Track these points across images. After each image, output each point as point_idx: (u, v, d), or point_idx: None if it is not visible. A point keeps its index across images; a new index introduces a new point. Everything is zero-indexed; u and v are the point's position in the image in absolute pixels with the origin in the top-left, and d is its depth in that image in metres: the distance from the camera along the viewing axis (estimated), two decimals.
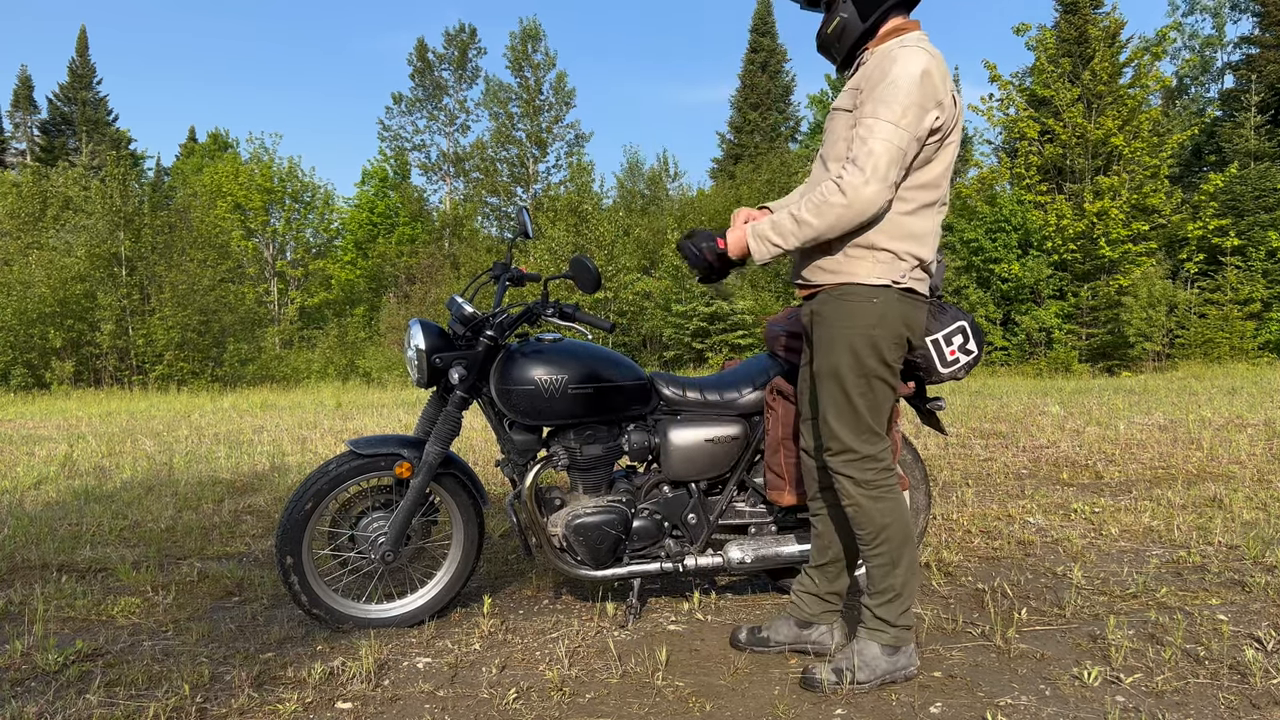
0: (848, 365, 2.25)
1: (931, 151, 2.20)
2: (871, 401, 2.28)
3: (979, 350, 2.83)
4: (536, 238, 24.17)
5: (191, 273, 20.99)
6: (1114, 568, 3.37)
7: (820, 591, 2.58)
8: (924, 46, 2.17)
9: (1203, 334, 20.85)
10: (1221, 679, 2.34)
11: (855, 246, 2.23)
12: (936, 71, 2.14)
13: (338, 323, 28.02)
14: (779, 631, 2.61)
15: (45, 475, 5.99)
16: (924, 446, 6.42)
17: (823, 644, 2.56)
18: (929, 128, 2.14)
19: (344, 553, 2.86)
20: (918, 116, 2.11)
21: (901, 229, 2.22)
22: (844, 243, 2.24)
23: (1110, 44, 21.55)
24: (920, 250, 2.24)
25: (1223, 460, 5.55)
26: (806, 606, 2.59)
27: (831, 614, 2.59)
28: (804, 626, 2.59)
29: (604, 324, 2.77)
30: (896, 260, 2.22)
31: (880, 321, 2.23)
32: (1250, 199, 22.64)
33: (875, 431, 2.30)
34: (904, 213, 2.22)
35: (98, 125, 40.40)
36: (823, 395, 2.33)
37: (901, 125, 2.10)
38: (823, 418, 2.34)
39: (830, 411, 2.31)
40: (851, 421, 2.28)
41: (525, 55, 34.97)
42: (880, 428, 2.31)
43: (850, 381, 2.26)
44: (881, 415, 2.31)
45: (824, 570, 2.58)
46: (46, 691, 2.38)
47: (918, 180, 2.21)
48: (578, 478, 2.91)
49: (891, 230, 2.21)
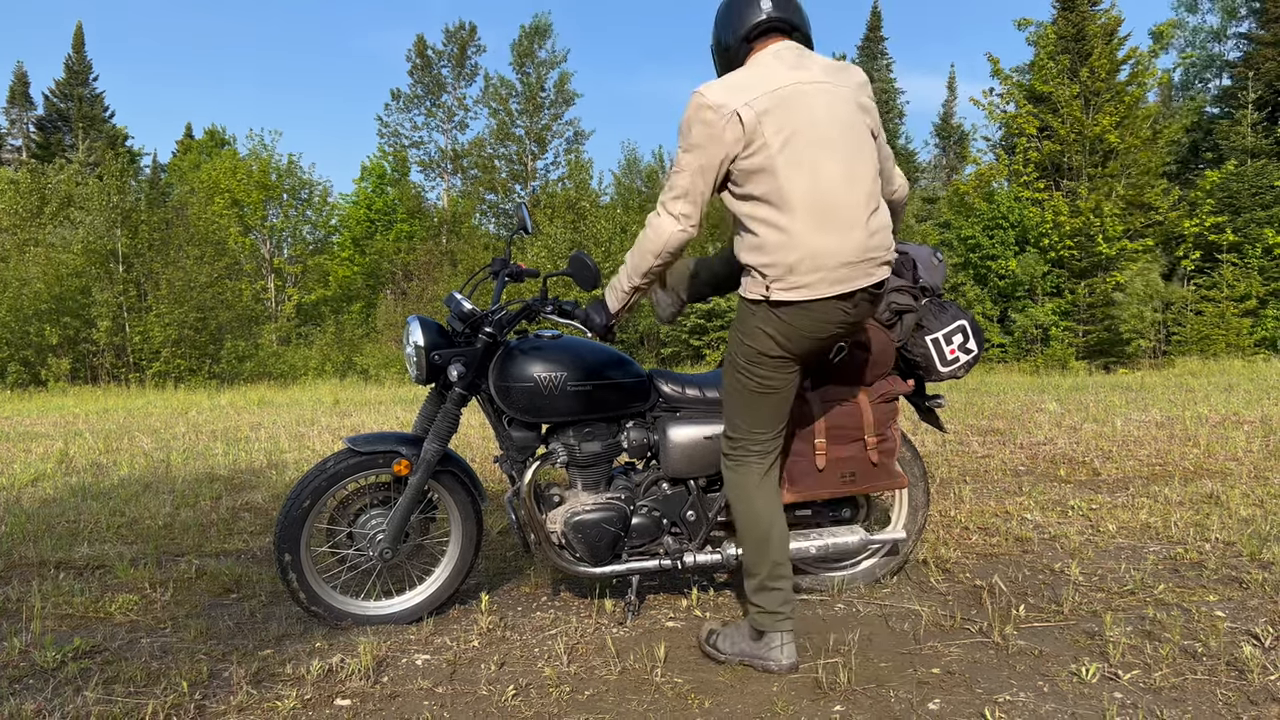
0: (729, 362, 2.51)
1: (741, 177, 2.29)
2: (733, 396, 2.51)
3: (979, 349, 2.85)
4: (535, 234, 24.17)
5: (188, 269, 20.95)
6: (1111, 564, 3.37)
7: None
8: (702, 90, 2.29)
9: (1199, 331, 20.88)
10: (1219, 675, 2.34)
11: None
12: (707, 110, 2.26)
13: (335, 320, 27.97)
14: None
15: (42, 472, 5.99)
16: (922, 443, 6.43)
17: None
18: (716, 162, 2.28)
19: (342, 550, 2.86)
20: (695, 156, 2.30)
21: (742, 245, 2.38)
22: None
23: (1108, 41, 21.54)
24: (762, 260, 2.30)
25: (1219, 457, 5.56)
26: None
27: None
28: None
29: (597, 327, 2.72)
30: (757, 276, 2.34)
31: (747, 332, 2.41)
32: (1247, 196, 22.65)
33: (735, 423, 2.51)
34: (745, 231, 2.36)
35: (94, 122, 40.24)
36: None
37: (681, 164, 2.33)
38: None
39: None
40: (727, 408, 2.55)
41: (530, 51, 34.88)
42: (745, 424, 2.48)
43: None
44: (750, 414, 2.47)
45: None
46: (44, 689, 2.38)
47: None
48: (576, 475, 2.91)
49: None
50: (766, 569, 2.46)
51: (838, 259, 2.25)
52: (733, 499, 2.55)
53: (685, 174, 2.30)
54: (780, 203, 2.25)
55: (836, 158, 2.26)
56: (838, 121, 2.29)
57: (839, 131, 2.28)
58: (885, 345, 2.79)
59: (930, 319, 2.83)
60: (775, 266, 2.26)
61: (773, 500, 2.51)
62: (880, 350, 2.77)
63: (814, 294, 2.26)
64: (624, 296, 2.55)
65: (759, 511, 2.49)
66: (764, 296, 2.29)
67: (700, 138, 2.26)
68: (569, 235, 24.19)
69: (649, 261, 2.42)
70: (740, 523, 2.52)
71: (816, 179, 2.24)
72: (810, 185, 2.24)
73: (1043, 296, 21.69)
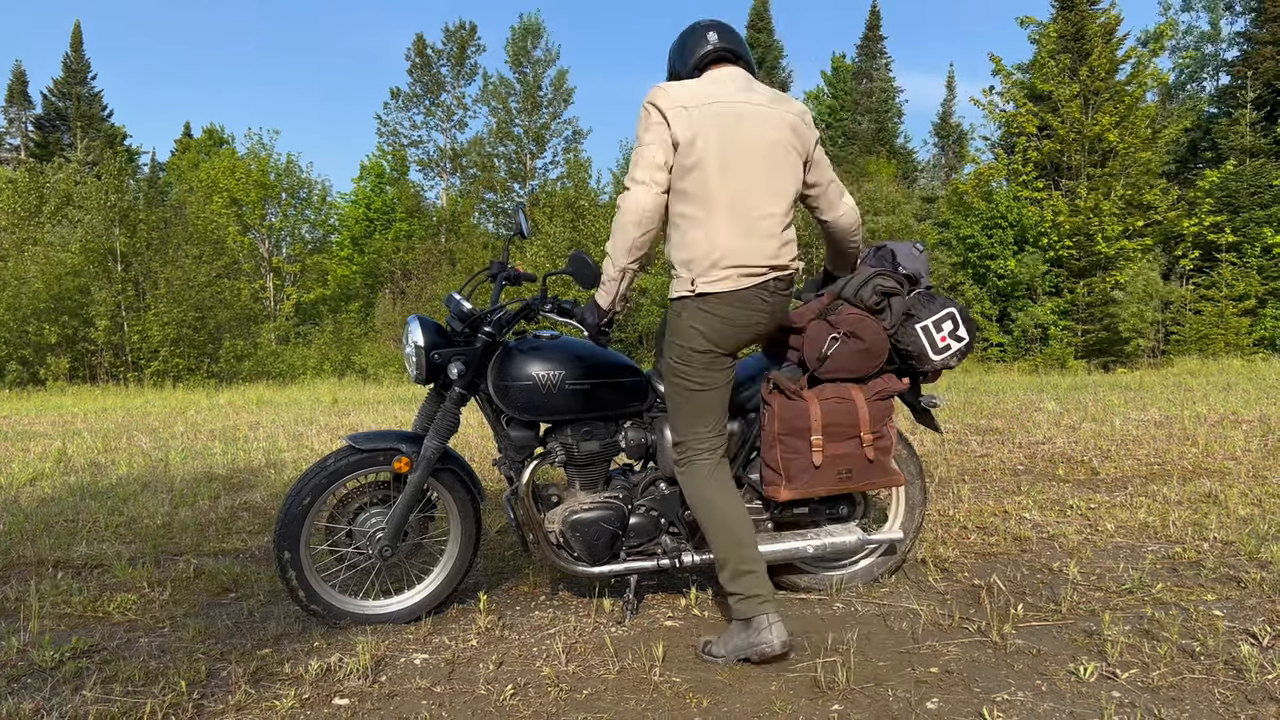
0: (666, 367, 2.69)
1: (679, 172, 2.51)
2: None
3: (970, 337, 2.89)
4: (532, 236, 24.14)
5: (187, 269, 20.92)
6: (1110, 564, 3.38)
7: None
8: (663, 86, 2.53)
9: (1198, 330, 20.91)
10: (1217, 674, 2.35)
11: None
12: (663, 97, 2.49)
13: (334, 319, 27.94)
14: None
15: (40, 471, 5.98)
16: (920, 443, 6.43)
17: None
18: (669, 142, 2.49)
19: (341, 548, 2.86)
20: (653, 135, 2.50)
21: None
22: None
23: (1107, 40, 21.55)
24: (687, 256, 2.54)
25: (1218, 456, 5.57)
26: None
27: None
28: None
29: (590, 326, 2.71)
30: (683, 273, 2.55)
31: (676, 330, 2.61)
32: (1246, 195, 22.68)
33: (679, 428, 2.66)
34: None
35: (92, 121, 40.18)
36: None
37: (641, 142, 2.53)
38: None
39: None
40: (671, 416, 2.69)
41: (525, 51, 34.86)
42: (687, 425, 2.63)
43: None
44: (692, 414, 2.62)
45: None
46: (43, 688, 2.38)
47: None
48: (575, 474, 2.91)
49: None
50: (734, 555, 2.55)
51: (752, 260, 2.52)
52: (690, 498, 2.66)
53: (646, 149, 2.49)
54: (707, 204, 2.49)
55: (761, 173, 2.53)
56: (769, 143, 2.55)
57: (767, 151, 2.55)
58: (878, 333, 2.80)
59: (919, 308, 2.87)
60: (699, 262, 2.51)
61: (727, 488, 2.63)
62: (874, 339, 2.78)
63: (734, 285, 2.52)
64: (613, 285, 2.59)
65: (714, 501, 2.60)
66: (690, 291, 2.52)
67: (656, 120, 2.48)
68: (568, 234, 24.17)
69: (631, 234, 2.49)
70: (701, 516, 2.62)
71: (740, 189, 2.51)
72: (734, 194, 2.50)
73: (1042, 296, 21.71)
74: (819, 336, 2.77)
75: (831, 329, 2.76)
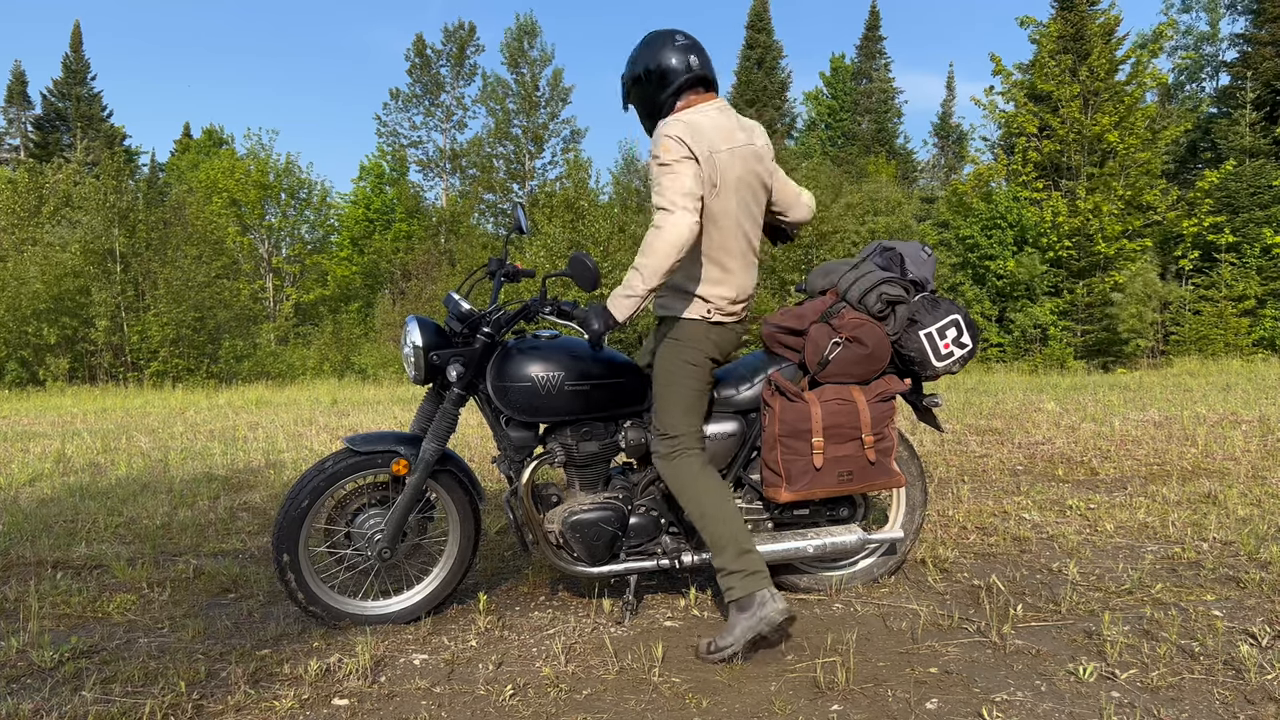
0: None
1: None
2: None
3: (974, 343, 2.88)
4: (532, 234, 24.13)
5: (186, 269, 20.91)
6: (1109, 564, 3.38)
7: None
8: (686, 120, 2.59)
9: (1197, 330, 20.90)
10: (1216, 674, 2.35)
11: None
12: (692, 133, 2.57)
13: (333, 319, 27.93)
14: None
15: (40, 472, 5.98)
16: (920, 443, 6.43)
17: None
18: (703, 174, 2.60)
19: (340, 549, 2.86)
20: (688, 166, 2.56)
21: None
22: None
23: (1107, 40, 21.55)
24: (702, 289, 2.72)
25: (1217, 456, 5.57)
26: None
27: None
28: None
29: (595, 333, 2.69)
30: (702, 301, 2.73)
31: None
32: (1245, 196, 22.68)
33: (675, 424, 2.77)
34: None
35: (92, 121, 40.17)
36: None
37: (677, 171, 2.57)
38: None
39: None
40: (667, 413, 2.78)
41: (521, 51, 34.87)
42: (684, 421, 2.75)
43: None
44: (691, 411, 2.77)
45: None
46: (42, 688, 2.38)
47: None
48: (574, 475, 2.91)
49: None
50: (732, 539, 2.61)
51: (748, 292, 2.78)
52: (681, 487, 2.72)
53: (679, 177, 2.51)
54: (726, 249, 2.68)
55: (756, 211, 2.77)
56: (760, 182, 2.75)
57: (760, 189, 2.76)
58: (881, 339, 2.79)
59: (923, 314, 2.85)
60: (722, 299, 2.71)
61: (715, 477, 2.75)
62: (877, 344, 2.78)
63: (739, 316, 2.79)
64: (638, 302, 2.55)
65: (710, 488, 2.69)
66: (705, 318, 2.71)
67: (686, 154, 2.53)
68: (567, 235, 24.14)
69: (671, 259, 2.49)
70: (694, 506, 2.68)
71: (748, 231, 2.74)
72: (746, 235, 2.73)
73: (1041, 296, 21.70)
74: (821, 340, 2.76)
75: (834, 333, 2.76)
